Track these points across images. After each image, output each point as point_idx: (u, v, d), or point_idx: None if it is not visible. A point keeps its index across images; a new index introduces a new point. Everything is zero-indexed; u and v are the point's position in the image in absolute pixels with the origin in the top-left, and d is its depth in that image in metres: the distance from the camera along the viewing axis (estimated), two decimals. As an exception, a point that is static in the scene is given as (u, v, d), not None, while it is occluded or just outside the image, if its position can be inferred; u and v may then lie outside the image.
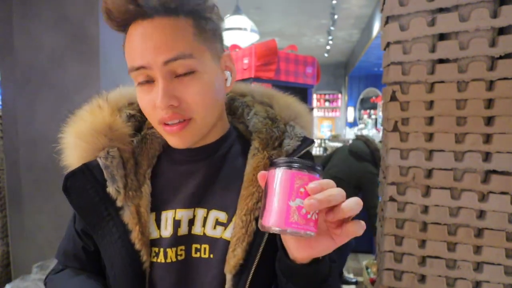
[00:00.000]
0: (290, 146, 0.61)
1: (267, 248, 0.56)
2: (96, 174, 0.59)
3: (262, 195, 0.51)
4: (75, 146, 0.60)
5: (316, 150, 8.87)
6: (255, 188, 0.58)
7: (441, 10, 0.80)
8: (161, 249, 0.58)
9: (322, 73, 2.75)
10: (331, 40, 6.13)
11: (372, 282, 2.81)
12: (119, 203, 0.58)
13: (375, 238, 1.09)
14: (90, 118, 0.61)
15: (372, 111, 8.66)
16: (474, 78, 0.78)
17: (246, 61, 2.30)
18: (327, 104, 9.20)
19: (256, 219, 0.57)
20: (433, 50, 0.81)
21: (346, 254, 2.91)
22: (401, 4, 0.82)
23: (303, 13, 5.19)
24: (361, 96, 8.66)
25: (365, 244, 3.57)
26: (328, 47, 6.77)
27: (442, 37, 0.82)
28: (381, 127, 0.99)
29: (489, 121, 0.78)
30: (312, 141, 0.64)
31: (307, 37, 6.58)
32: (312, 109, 2.55)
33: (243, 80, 2.34)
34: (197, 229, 0.60)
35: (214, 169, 0.62)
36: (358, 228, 0.40)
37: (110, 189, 0.58)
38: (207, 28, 0.55)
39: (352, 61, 7.57)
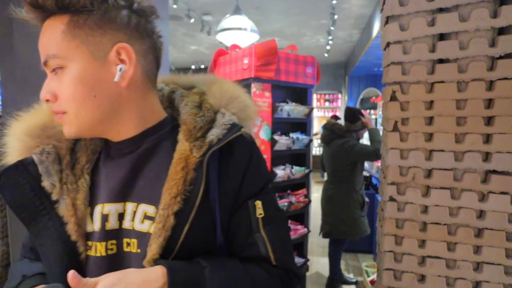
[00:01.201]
0: (214, 136, 0.59)
1: (186, 243, 0.56)
2: (31, 169, 0.60)
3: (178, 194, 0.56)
4: (12, 146, 0.62)
5: (316, 150, 8.89)
6: (175, 181, 0.57)
7: (441, 10, 0.80)
8: (93, 243, 0.59)
9: (322, 73, 2.76)
10: (331, 40, 6.13)
11: (372, 283, 2.81)
12: (54, 197, 0.59)
13: (376, 238, 1.09)
14: (29, 119, 0.64)
15: (372, 111, 8.65)
16: (474, 78, 0.78)
17: (246, 61, 2.30)
18: (327, 104, 9.20)
19: (175, 214, 0.56)
20: (433, 50, 0.81)
21: (339, 252, 2.93)
22: (401, 4, 0.82)
23: (303, 13, 5.19)
24: (361, 96, 8.65)
25: (365, 244, 3.57)
26: (328, 47, 6.77)
27: (442, 37, 0.82)
28: (381, 127, 0.98)
29: (489, 121, 0.79)
30: (240, 127, 0.61)
31: (307, 37, 6.57)
32: (312, 109, 2.55)
33: (243, 80, 2.33)
34: (126, 223, 0.59)
35: (142, 162, 0.61)
36: None
37: (45, 183, 0.59)
38: (87, 21, 0.53)
39: (352, 61, 7.56)
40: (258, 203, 0.62)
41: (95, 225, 0.59)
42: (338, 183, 2.73)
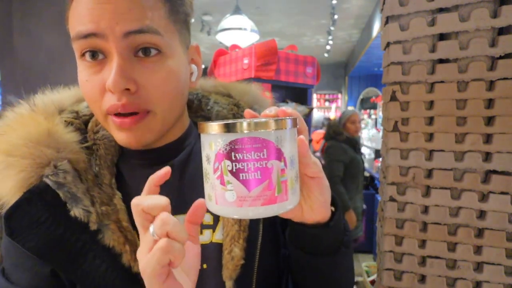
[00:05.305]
0: None
1: (265, 237, 0.51)
2: (49, 198, 0.45)
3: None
4: (6, 166, 0.44)
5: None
6: None
7: (441, 10, 0.80)
8: None
9: (322, 73, 2.76)
10: (331, 40, 6.13)
11: (372, 283, 2.81)
12: (93, 226, 0.45)
13: (376, 238, 1.09)
14: (20, 126, 0.47)
15: (372, 111, 8.65)
16: (474, 78, 0.78)
17: (246, 61, 2.30)
18: (327, 104, 9.20)
19: None
20: (433, 50, 0.81)
21: None
22: (401, 4, 0.82)
23: (303, 13, 5.19)
24: (361, 96, 8.65)
25: (365, 244, 3.57)
26: (328, 47, 6.77)
27: (442, 37, 0.82)
28: (381, 127, 0.99)
29: (489, 121, 0.79)
30: None
31: (307, 37, 6.58)
32: (312, 109, 2.55)
33: (243, 80, 2.33)
34: None
35: (183, 169, 0.54)
36: None
37: (76, 212, 0.44)
38: (180, 10, 0.47)
39: (352, 61, 7.57)
40: None
41: None
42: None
